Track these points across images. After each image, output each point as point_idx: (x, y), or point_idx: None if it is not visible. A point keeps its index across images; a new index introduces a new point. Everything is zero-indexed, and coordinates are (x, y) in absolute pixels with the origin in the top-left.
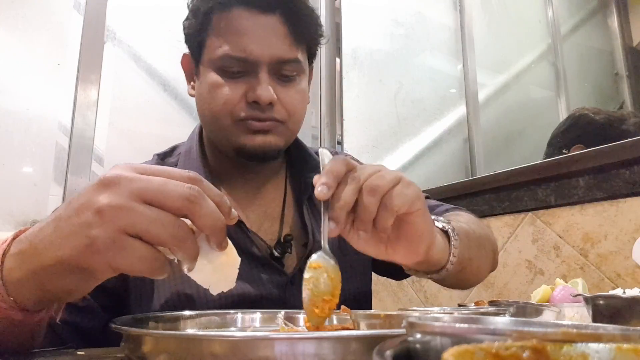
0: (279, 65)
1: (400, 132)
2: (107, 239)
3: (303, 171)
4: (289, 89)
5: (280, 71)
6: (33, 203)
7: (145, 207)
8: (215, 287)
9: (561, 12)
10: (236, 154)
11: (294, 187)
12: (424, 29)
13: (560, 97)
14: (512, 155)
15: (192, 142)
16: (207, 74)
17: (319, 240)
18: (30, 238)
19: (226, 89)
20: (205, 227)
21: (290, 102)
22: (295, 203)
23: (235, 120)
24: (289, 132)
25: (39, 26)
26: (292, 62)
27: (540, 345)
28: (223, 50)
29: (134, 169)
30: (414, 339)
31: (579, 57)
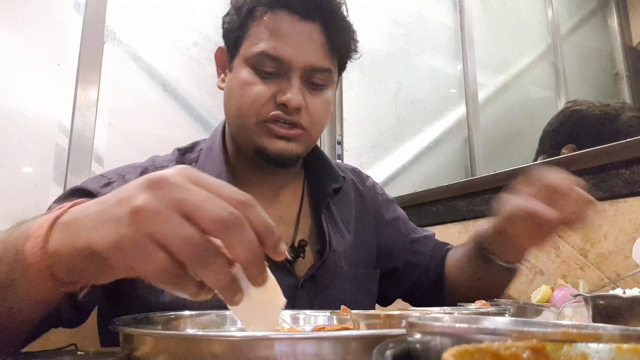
0: (311, 73)
1: (400, 132)
2: (132, 241)
3: (321, 179)
4: (317, 97)
5: (311, 79)
6: (33, 203)
7: (179, 220)
8: (253, 326)
9: (561, 12)
10: (255, 154)
11: (311, 193)
12: (424, 29)
13: (560, 97)
14: (512, 155)
15: (215, 139)
16: (241, 69)
17: (335, 248)
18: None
19: (257, 87)
20: (237, 257)
21: (316, 111)
22: (312, 209)
23: (260, 120)
24: (309, 140)
25: (39, 26)
26: (324, 71)
27: (540, 345)
28: (260, 48)
29: (187, 177)
30: (413, 339)
31: (578, 57)
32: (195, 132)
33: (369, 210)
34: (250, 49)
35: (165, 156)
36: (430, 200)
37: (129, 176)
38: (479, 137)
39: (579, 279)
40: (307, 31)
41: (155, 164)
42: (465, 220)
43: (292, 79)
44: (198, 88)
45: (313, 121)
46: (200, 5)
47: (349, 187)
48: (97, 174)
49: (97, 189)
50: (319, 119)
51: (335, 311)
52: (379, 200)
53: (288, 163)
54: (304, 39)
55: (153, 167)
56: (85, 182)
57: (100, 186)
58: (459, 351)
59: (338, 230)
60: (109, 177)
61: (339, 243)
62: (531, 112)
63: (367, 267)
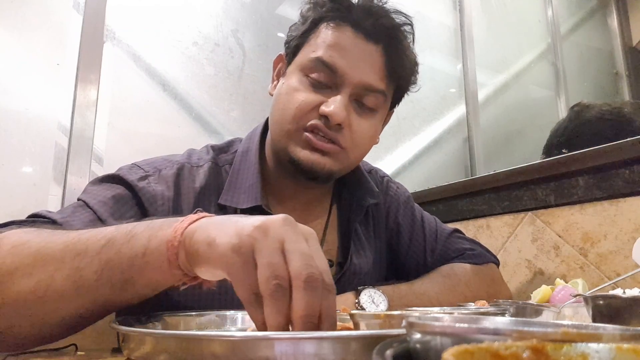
0: (362, 92)
1: (400, 132)
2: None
3: (355, 192)
4: (364, 119)
5: (362, 98)
6: (33, 203)
7: (279, 252)
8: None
9: (561, 12)
10: (290, 164)
11: (341, 206)
12: (424, 28)
13: (560, 97)
14: (512, 154)
15: (251, 142)
16: (293, 76)
17: (355, 262)
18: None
19: (304, 94)
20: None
21: (360, 132)
22: (339, 223)
23: (299, 127)
24: (347, 161)
25: (38, 26)
26: (377, 92)
27: (540, 345)
28: (316, 54)
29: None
30: (414, 339)
31: (578, 57)
32: (195, 132)
33: (384, 221)
34: (307, 55)
35: (200, 152)
36: (430, 200)
37: (166, 171)
38: (478, 137)
39: (579, 279)
40: (368, 50)
41: (191, 161)
42: (465, 220)
43: (341, 93)
44: (198, 88)
45: (354, 142)
46: (200, 5)
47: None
48: (98, 173)
49: (135, 180)
50: (361, 141)
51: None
52: (393, 209)
53: (320, 178)
54: (363, 57)
55: (189, 165)
56: (121, 170)
57: (137, 178)
58: (459, 351)
59: (361, 244)
60: (145, 170)
61: (360, 256)
62: (531, 111)
63: (380, 279)
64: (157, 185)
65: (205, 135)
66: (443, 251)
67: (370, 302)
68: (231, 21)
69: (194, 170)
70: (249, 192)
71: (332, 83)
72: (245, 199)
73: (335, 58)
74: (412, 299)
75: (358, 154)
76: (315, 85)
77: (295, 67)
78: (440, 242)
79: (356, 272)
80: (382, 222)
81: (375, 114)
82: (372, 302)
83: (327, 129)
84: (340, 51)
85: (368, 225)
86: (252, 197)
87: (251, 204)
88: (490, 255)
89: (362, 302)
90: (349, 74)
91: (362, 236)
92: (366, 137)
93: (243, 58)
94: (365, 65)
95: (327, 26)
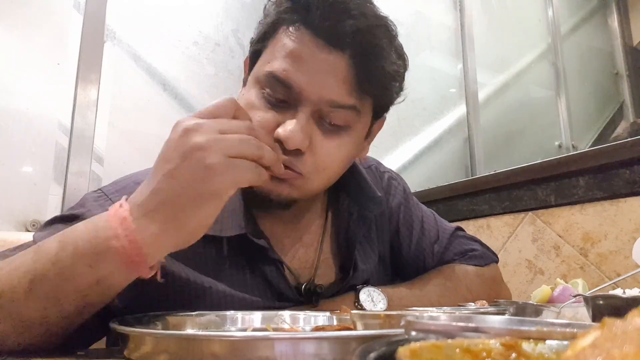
0: (326, 109)
1: (400, 132)
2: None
3: (357, 199)
4: (332, 139)
5: (326, 117)
6: (33, 203)
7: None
8: None
9: (561, 12)
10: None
11: (339, 211)
12: (424, 28)
13: (560, 97)
14: (512, 154)
15: None
16: (250, 89)
17: (361, 270)
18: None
19: (259, 114)
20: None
21: (324, 155)
22: (335, 229)
23: None
24: (310, 186)
25: (39, 26)
26: (345, 108)
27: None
28: (270, 67)
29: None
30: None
31: (579, 57)
32: None
33: (387, 224)
34: (263, 66)
35: None
36: (430, 199)
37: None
38: (479, 137)
39: (579, 279)
40: (330, 60)
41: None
42: (466, 220)
43: (299, 112)
44: (198, 87)
45: (318, 167)
46: (201, 5)
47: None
48: (98, 173)
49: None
50: (326, 166)
51: (335, 311)
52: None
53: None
54: (324, 68)
55: None
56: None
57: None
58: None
59: (364, 252)
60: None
61: (365, 264)
62: (531, 111)
63: (387, 281)
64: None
65: None
66: (444, 253)
67: (370, 300)
68: (232, 21)
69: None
70: (233, 217)
71: (291, 100)
72: (229, 224)
73: (290, 72)
74: (413, 301)
75: (325, 178)
76: (272, 102)
77: (252, 78)
78: (442, 244)
79: (358, 279)
80: (386, 226)
81: (347, 130)
82: (371, 300)
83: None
84: (296, 63)
85: (371, 231)
86: (235, 224)
87: (236, 232)
88: (491, 253)
89: (362, 301)
90: (306, 90)
91: (366, 245)
92: (335, 159)
93: (243, 58)
94: (328, 78)
95: (285, 31)
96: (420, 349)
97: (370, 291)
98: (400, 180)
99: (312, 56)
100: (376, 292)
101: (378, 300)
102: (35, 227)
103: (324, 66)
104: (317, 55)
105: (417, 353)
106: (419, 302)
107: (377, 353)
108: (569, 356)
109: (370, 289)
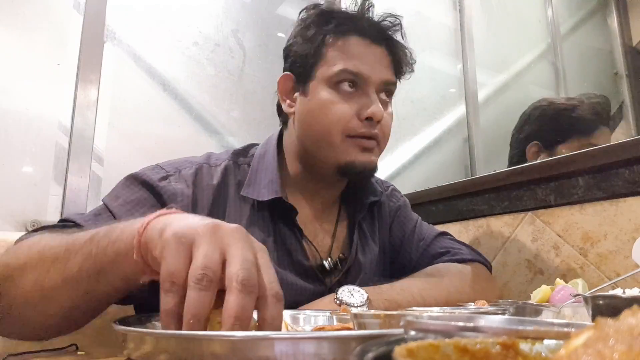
0: (383, 87)
1: (400, 132)
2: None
3: (359, 192)
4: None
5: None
6: (33, 203)
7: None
8: None
9: (561, 12)
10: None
11: (348, 207)
12: (424, 28)
13: (560, 97)
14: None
15: (269, 146)
16: (320, 91)
17: (360, 259)
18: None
19: (340, 105)
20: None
21: (387, 123)
22: (347, 220)
23: (347, 137)
24: (380, 152)
25: (39, 26)
26: (392, 85)
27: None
28: (340, 66)
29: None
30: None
31: (578, 57)
32: (196, 132)
33: (389, 222)
34: (330, 69)
35: (220, 154)
36: (430, 199)
37: (185, 171)
38: (478, 137)
39: (579, 279)
40: (378, 53)
41: (210, 162)
42: (465, 220)
43: (371, 94)
44: (198, 88)
45: (385, 133)
46: (201, 5)
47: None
48: (98, 173)
49: (156, 180)
50: (389, 130)
51: (335, 311)
52: (394, 212)
53: (371, 175)
54: (377, 59)
55: (207, 165)
56: (143, 171)
57: (158, 178)
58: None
59: (366, 242)
60: (166, 170)
61: (365, 254)
62: None
63: (385, 275)
64: (177, 184)
65: (205, 135)
66: (429, 252)
67: (350, 295)
68: (231, 21)
69: (212, 169)
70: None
71: (359, 88)
72: (265, 192)
73: (359, 65)
74: (393, 295)
75: (386, 142)
76: (345, 95)
77: (318, 82)
78: (426, 243)
79: (360, 268)
80: (387, 223)
81: (389, 103)
82: (351, 295)
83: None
84: (359, 59)
85: (373, 224)
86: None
87: (271, 196)
88: (478, 255)
89: (340, 296)
90: (371, 76)
91: (367, 233)
92: (390, 126)
93: (243, 58)
94: (381, 66)
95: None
96: (417, 348)
97: (349, 288)
98: (401, 194)
99: (367, 52)
100: (356, 289)
101: (358, 295)
102: (35, 227)
103: (376, 57)
104: (369, 50)
105: (414, 352)
106: (400, 295)
107: (375, 353)
108: (561, 356)
109: (350, 286)
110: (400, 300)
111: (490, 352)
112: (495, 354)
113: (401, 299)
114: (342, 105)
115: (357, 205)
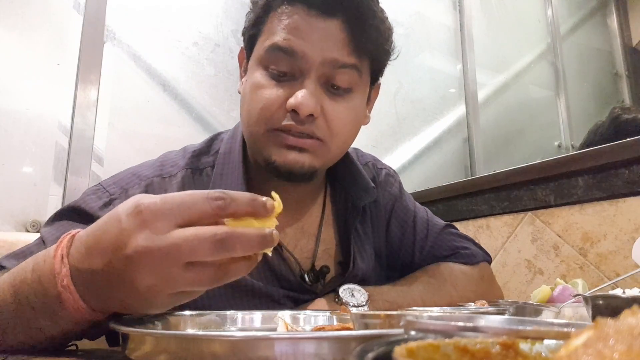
0: (331, 71)
1: (400, 132)
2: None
3: (351, 189)
4: (339, 103)
5: (332, 80)
6: (33, 203)
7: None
8: None
9: (561, 12)
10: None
11: (335, 201)
12: (424, 28)
13: (559, 97)
14: (511, 155)
15: (234, 142)
16: (254, 72)
17: (360, 266)
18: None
19: (267, 91)
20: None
21: (336, 119)
22: (334, 219)
23: (269, 129)
24: (329, 154)
25: (39, 26)
26: (347, 67)
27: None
28: (271, 41)
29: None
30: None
31: (578, 57)
32: (195, 132)
33: (383, 217)
34: (263, 44)
35: (176, 158)
36: (430, 200)
37: (133, 190)
38: (478, 137)
39: (579, 279)
40: (326, 27)
41: (163, 171)
42: (465, 220)
43: (306, 79)
44: (198, 88)
45: (332, 131)
46: (200, 5)
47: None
48: (98, 173)
49: (97, 210)
50: (339, 129)
51: (335, 311)
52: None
53: (300, 178)
54: (322, 35)
55: (159, 178)
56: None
57: (100, 206)
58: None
59: (362, 245)
60: (110, 192)
61: (362, 259)
62: (531, 112)
63: (382, 277)
64: None
65: (205, 135)
66: (434, 249)
67: (350, 295)
68: (231, 21)
69: (166, 182)
70: None
71: (296, 70)
72: None
73: (292, 41)
74: (394, 296)
75: (341, 143)
76: (277, 78)
77: (254, 61)
78: (431, 239)
79: (358, 274)
80: (382, 219)
81: (352, 93)
82: (351, 295)
83: (300, 124)
84: (296, 33)
85: (366, 223)
86: None
87: None
88: (482, 252)
89: (341, 296)
90: (309, 54)
91: (362, 235)
92: (346, 122)
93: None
94: (327, 42)
95: (278, 9)
96: (416, 348)
97: (350, 287)
98: (396, 176)
99: (310, 25)
100: (357, 289)
101: (359, 295)
102: (35, 227)
103: (322, 32)
104: (314, 24)
105: (414, 352)
106: (400, 297)
107: (375, 353)
108: (561, 356)
109: (351, 285)
110: (401, 302)
111: (490, 352)
112: (495, 354)
113: (402, 301)
114: (267, 91)
115: (348, 207)
